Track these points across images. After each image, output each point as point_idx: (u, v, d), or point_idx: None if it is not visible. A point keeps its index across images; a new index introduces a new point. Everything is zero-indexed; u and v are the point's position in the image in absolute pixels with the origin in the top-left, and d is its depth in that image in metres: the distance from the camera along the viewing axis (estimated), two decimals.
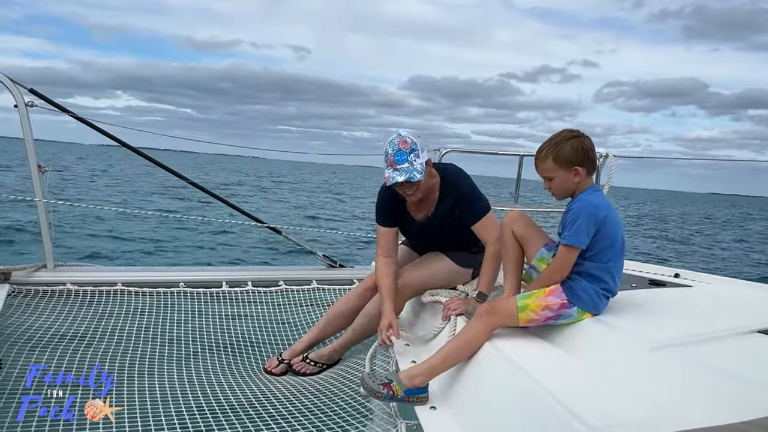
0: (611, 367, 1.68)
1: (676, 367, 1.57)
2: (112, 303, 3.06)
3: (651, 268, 3.22)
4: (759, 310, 2.16)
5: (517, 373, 1.72)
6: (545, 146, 1.99)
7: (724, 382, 1.47)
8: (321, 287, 3.72)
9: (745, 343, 1.71)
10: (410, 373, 1.95)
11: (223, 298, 3.39)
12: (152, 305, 3.13)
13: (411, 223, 2.67)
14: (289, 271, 3.83)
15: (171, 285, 3.35)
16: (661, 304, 2.27)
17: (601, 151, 3.52)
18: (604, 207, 1.95)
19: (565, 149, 1.95)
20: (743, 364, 1.57)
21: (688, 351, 1.63)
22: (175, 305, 3.18)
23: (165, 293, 3.28)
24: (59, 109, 3.16)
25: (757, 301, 2.41)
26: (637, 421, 1.38)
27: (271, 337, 3.06)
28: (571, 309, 1.94)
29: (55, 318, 2.77)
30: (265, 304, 3.41)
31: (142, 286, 3.27)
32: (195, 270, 3.72)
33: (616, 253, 1.98)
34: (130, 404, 2.07)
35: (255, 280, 3.60)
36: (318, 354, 2.71)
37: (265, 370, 2.65)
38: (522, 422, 1.60)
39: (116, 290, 3.19)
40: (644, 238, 21.00)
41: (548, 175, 2.00)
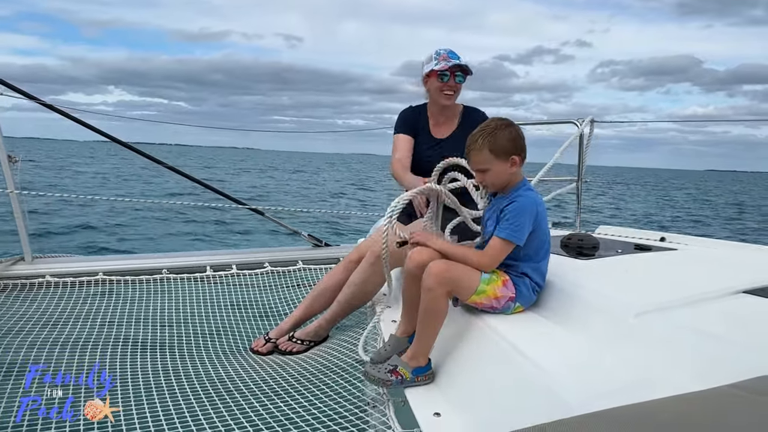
0: (596, 336, 1.66)
1: (661, 332, 1.55)
2: (93, 293, 3.01)
3: (637, 233, 3.20)
4: (743, 270, 2.14)
5: (500, 342, 1.70)
6: (478, 136, 1.89)
7: (710, 345, 1.45)
8: (307, 267, 3.70)
9: (729, 305, 1.69)
10: (411, 354, 1.87)
11: (207, 282, 3.36)
12: (135, 294, 3.09)
13: (427, 142, 2.85)
14: (274, 253, 3.79)
15: (154, 272, 3.31)
16: (647, 268, 2.25)
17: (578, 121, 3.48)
18: (542, 203, 1.95)
19: (502, 138, 1.87)
20: (728, 325, 1.56)
21: (674, 315, 1.61)
22: (158, 292, 3.14)
23: (148, 281, 3.24)
24: (26, 97, 3.07)
25: (740, 260, 2.40)
26: (620, 388, 1.37)
27: (258, 319, 3.04)
28: (512, 304, 1.93)
29: (36, 312, 2.72)
30: (251, 287, 3.38)
31: (124, 275, 3.22)
32: (178, 255, 3.67)
33: (546, 251, 1.99)
34: (123, 393, 2.04)
35: (239, 263, 3.57)
36: (304, 332, 2.68)
37: (251, 349, 2.62)
38: (505, 394, 1.58)
39: (97, 280, 3.14)
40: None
41: (483, 166, 1.90)
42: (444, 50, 2.78)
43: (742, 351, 1.39)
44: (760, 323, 1.58)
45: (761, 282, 1.85)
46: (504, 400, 1.58)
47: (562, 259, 2.33)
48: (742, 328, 1.54)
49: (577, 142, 3.76)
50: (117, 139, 3.39)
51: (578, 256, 2.38)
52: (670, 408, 0.98)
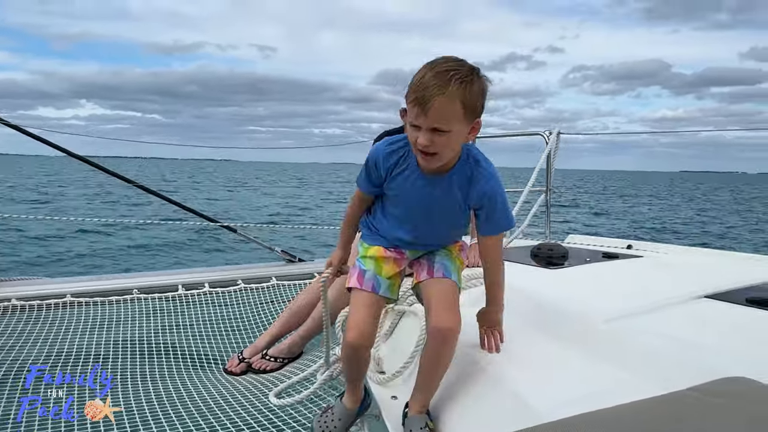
0: (566, 343, 1.69)
1: (627, 339, 1.58)
2: (61, 317, 2.94)
3: (605, 241, 3.27)
4: (705, 275, 2.21)
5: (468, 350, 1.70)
6: (450, 77, 1.31)
7: (675, 348, 1.48)
8: (281, 283, 3.67)
9: (692, 309, 1.74)
10: (421, 406, 1.56)
11: (180, 302, 3.31)
12: (105, 316, 3.03)
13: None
14: (247, 270, 3.76)
15: (124, 293, 3.25)
16: (614, 276, 2.30)
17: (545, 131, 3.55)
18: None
19: (477, 90, 1.35)
20: (691, 329, 1.60)
21: (639, 321, 1.65)
22: (129, 314, 3.08)
23: (118, 301, 3.18)
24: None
25: (703, 266, 2.47)
26: (589, 394, 1.39)
27: (232, 337, 3.00)
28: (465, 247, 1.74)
29: (1, 337, 2.64)
30: (224, 305, 3.34)
31: (93, 296, 3.15)
32: (148, 275, 3.61)
33: None
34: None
35: (212, 281, 3.53)
36: (277, 349, 2.66)
37: (226, 370, 2.59)
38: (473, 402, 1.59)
39: (65, 302, 3.06)
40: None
41: (445, 126, 1.34)
42: None
43: (706, 354, 1.43)
44: (721, 326, 1.63)
45: (722, 287, 1.91)
46: (472, 409, 1.59)
47: (532, 269, 2.37)
48: (704, 332, 1.59)
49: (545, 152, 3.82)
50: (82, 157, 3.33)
51: (548, 266, 2.42)
52: (631, 413, 1.00)
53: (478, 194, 1.50)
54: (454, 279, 1.60)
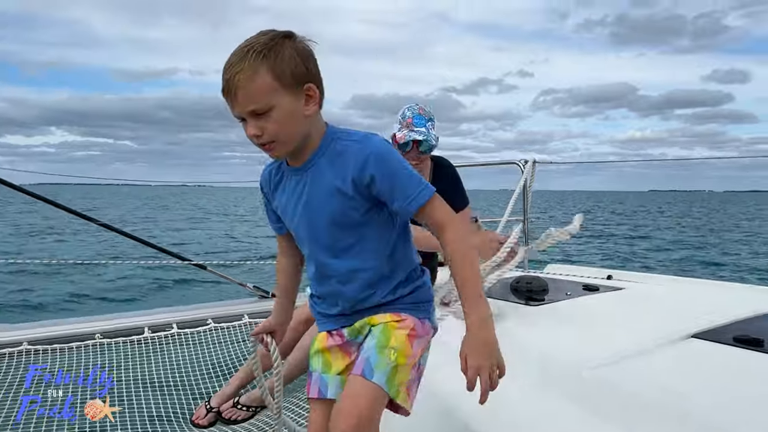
0: (550, 391, 1.61)
1: (612, 388, 1.51)
2: (15, 367, 2.75)
3: (584, 270, 3.22)
4: (690, 310, 2.16)
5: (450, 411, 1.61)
6: (248, 54, 1.14)
7: (660, 397, 1.42)
8: (254, 321, 3.53)
9: (678, 352, 1.68)
10: None
11: (146, 345, 3.14)
12: (65, 363, 2.85)
13: None
14: (218, 308, 3.61)
15: (85, 338, 3.07)
16: (596, 313, 2.23)
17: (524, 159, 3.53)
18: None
19: (288, 54, 1.16)
20: (677, 376, 1.54)
21: (624, 367, 1.58)
22: (90, 360, 2.91)
23: (79, 347, 3.00)
24: None
25: (688, 299, 2.43)
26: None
27: (202, 382, 2.86)
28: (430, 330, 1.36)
29: None
30: (193, 347, 3.19)
31: (52, 343, 2.97)
32: (112, 318, 3.41)
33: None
34: None
35: (180, 321, 3.37)
36: (249, 397, 2.51)
37: (192, 422, 2.44)
38: None
39: (21, 350, 2.88)
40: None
41: (260, 105, 1.15)
42: (411, 113, 2.48)
43: (692, 404, 1.37)
44: (709, 370, 1.57)
45: (707, 324, 1.86)
46: None
47: (512, 306, 2.29)
48: (691, 377, 1.53)
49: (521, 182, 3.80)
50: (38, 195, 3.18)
51: (529, 302, 2.36)
52: None
53: (357, 163, 1.20)
54: (376, 380, 1.19)
